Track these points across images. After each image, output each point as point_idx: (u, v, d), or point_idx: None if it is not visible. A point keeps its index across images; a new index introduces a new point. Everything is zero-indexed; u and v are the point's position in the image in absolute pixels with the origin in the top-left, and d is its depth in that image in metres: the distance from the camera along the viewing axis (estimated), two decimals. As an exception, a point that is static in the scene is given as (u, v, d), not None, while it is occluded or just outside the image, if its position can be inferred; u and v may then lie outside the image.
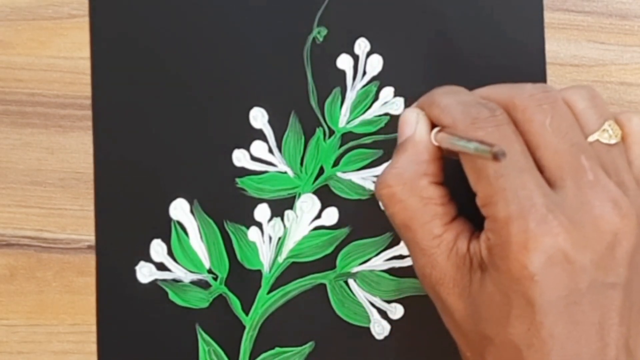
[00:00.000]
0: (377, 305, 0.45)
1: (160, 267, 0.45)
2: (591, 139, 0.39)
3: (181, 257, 0.45)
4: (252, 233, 0.45)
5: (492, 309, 0.37)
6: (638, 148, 0.40)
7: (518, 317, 0.37)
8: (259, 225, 0.45)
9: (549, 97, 0.39)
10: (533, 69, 0.45)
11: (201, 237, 0.45)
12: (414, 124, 0.40)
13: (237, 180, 0.45)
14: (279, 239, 0.45)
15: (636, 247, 0.38)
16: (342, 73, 0.46)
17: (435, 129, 0.40)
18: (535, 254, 0.36)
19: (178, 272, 0.45)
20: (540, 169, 0.38)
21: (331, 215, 0.45)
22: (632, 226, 0.37)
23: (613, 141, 0.39)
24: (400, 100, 0.46)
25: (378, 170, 0.46)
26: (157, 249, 0.45)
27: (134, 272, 0.45)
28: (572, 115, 0.39)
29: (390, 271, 0.45)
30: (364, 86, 0.46)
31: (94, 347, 0.45)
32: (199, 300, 0.45)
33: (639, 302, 0.39)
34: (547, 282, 0.36)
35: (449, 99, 0.39)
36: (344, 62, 0.46)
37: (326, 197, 0.45)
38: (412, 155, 0.40)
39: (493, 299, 0.37)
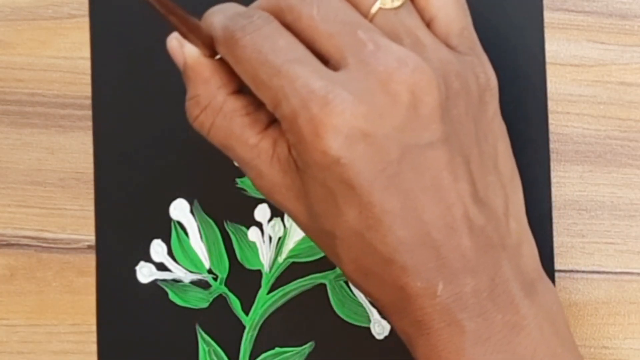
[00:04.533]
0: (377, 305, 0.45)
1: (160, 267, 0.45)
2: (374, 9, 0.38)
3: (181, 257, 0.45)
4: (252, 233, 0.45)
5: (322, 204, 0.37)
6: (437, 1, 0.39)
7: (345, 204, 0.36)
8: (259, 225, 0.45)
9: None
10: (533, 69, 0.45)
11: (201, 237, 0.45)
12: (179, 49, 0.39)
13: (237, 180, 0.45)
14: (279, 239, 0.45)
15: (446, 100, 0.37)
16: (342, 73, 0.46)
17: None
18: (329, 139, 0.35)
19: (178, 272, 0.45)
20: (324, 59, 0.37)
21: (331, 215, 0.45)
22: (429, 80, 0.36)
23: (397, 3, 0.38)
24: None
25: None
26: (157, 249, 0.45)
27: (134, 272, 0.45)
28: None
29: (390, 271, 0.45)
30: (364, 86, 0.46)
31: (94, 347, 0.45)
32: (199, 300, 0.45)
33: (476, 153, 0.38)
34: (355, 161, 0.35)
35: (214, 18, 0.38)
36: (344, 62, 0.46)
37: (326, 197, 0.45)
38: (196, 79, 0.39)
39: (319, 194, 0.37)
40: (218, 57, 0.39)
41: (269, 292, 0.45)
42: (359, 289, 0.38)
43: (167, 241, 0.45)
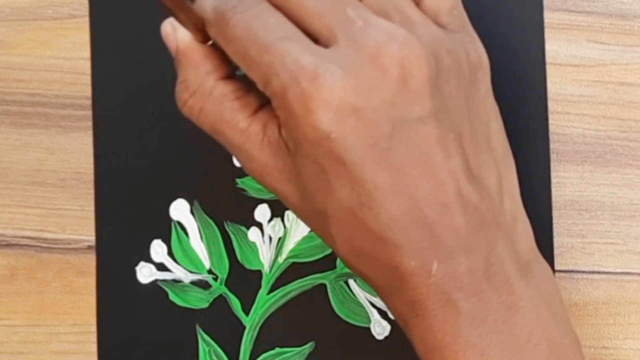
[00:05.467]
0: (377, 305, 0.45)
1: (161, 267, 0.45)
2: None
3: (181, 258, 0.45)
4: (252, 233, 0.45)
5: (314, 182, 0.36)
6: None
7: (337, 180, 0.36)
8: (259, 225, 0.45)
9: None
10: (533, 69, 0.45)
11: (201, 237, 0.45)
12: (172, 34, 0.39)
13: (237, 180, 0.45)
14: (279, 239, 0.45)
15: (437, 75, 0.36)
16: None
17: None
18: (319, 113, 0.35)
19: (178, 272, 0.45)
20: (314, 38, 0.37)
21: (331, 216, 0.45)
22: (419, 54, 0.36)
23: None
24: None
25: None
26: (157, 249, 0.45)
27: (134, 272, 0.45)
28: None
29: (390, 271, 0.45)
30: (364, 86, 0.46)
31: (94, 347, 0.45)
32: (199, 300, 0.45)
33: (468, 131, 0.37)
34: (345, 136, 0.35)
35: (205, 1, 0.38)
36: (344, 62, 0.46)
37: (326, 197, 0.45)
38: (187, 63, 0.39)
39: (310, 172, 0.36)
40: (210, 43, 0.39)
41: (269, 293, 0.45)
42: (354, 270, 0.38)
43: (167, 241, 0.45)
